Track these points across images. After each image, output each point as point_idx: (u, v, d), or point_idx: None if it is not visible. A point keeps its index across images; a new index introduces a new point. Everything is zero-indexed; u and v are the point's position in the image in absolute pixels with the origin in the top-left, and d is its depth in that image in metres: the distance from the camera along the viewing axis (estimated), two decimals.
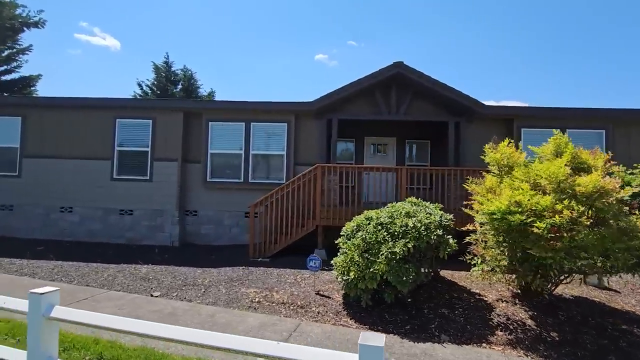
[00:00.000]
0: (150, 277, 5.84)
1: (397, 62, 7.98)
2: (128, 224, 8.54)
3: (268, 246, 7.14)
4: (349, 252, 4.52)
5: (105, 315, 2.32)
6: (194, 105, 8.55)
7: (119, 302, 4.67)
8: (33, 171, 8.70)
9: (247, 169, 8.52)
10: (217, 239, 8.60)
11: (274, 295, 5.03)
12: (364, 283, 4.28)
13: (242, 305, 4.71)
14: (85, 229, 8.57)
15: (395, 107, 8.55)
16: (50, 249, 7.59)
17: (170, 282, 5.58)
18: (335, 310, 4.56)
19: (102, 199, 8.58)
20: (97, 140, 8.64)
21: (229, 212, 8.64)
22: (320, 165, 7.16)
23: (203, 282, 5.64)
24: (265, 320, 4.23)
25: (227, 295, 5.05)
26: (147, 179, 8.55)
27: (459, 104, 8.03)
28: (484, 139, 8.45)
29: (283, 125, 8.51)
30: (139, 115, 8.62)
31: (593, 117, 8.18)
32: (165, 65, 23.92)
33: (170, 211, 8.48)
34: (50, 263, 6.49)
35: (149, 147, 8.58)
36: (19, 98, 8.95)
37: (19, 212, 8.70)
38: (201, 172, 8.62)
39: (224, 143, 8.62)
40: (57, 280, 5.58)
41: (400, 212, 4.70)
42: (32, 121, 8.77)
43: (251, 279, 5.80)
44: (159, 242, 8.38)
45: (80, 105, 8.69)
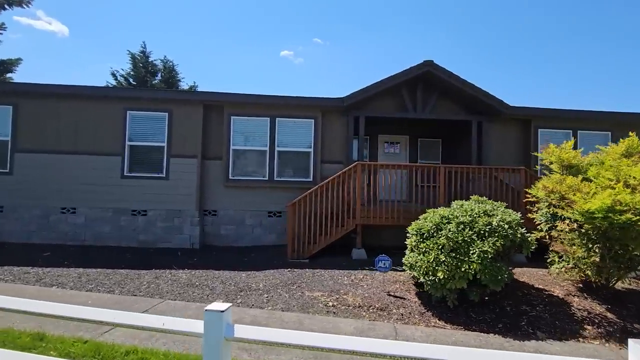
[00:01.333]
0: (196, 283, 5.40)
1: (428, 61, 8.01)
2: (141, 225, 7.85)
3: (307, 247, 6.88)
4: (432, 252, 4.44)
5: (302, 332, 2.04)
6: (215, 97, 7.99)
7: (188, 312, 4.24)
8: (28, 168, 7.73)
9: (272, 167, 8.16)
10: (238, 240, 8.18)
11: (346, 298, 4.84)
12: (453, 283, 4.23)
13: (319, 310, 4.48)
14: (91, 232, 7.77)
15: (422, 106, 8.59)
16: (58, 254, 6.80)
17: (223, 288, 5.19)
18: (419, 312, 4.47)
19: (112, 198, 7.82)
20: (105, 134, 7.85)
21: (251, 212, 8.24)
22: (360, 163, 7.01)
23: (257, 286, 5.31)
24: (358, 325, 4.04)
25: (295, 300, 4.78)
26: (163, 177, 7.92)
27: (484, 103, 8.22)
28: (504, 138, 8.81)
29: (310, 121, 8.25)
30: (153, 107, 7.93)
31: (601, 119, 8.74)
32: (142, 55, 22.43)
33: (190, 211, 7.92)
34: (70, 270, 5.79)
35: (164, 142, 7.93)
36: (10, 84, 7.90)
37: (11, 214, 7.70)
38: (222, 169, 8.13)
39: (247, 139, 8.19)
40: (94, 290, 4.98)
41: (474, 210, 4.70)
42: (27, 111, 7.78)
43: (306, 281, 5.55)
44: (177, 245, 7.81)
45: (85, 94, 7.83)
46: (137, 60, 21.83)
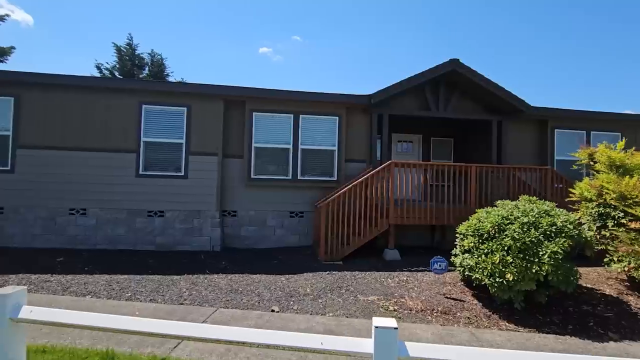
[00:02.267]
0: (238, 289, 5.09)
1: (454, 60, 7.97)
2: (158, 227, 7.39)
3: (339, 248, 6.68)
4: (497, 253, 4.36)
5: None
6: (236, 92, 7.60)
7: (249, 322, 3.95)
8: (31, 165, 7.09)
9: (295, 165, 7.89)
10: (260, 241, 7.87)
11: (404, 302, 4.69)
12: (522, 285, 4.17)
13: (384, 316, 4.30)
14: (103, 235, 7.23)
15: (443, 105, 8.56)
16: (73, 260, 6.27)
17: (271, 294, 4.91)
18: (484, 314, 4.39)
19: (126, 198, 7.31)
20: (118, 130, 7.31)
21: (273, 212, 7.95)
22: (393, 162, 6.87)
23: (305, 291, 5.07)
24: (434, 331, 3.90)
25: (353, 305, 4.58)
26: (182, 176, 7.48)
27: (506, 103, 8.28)
28: (522, 138, 8.92)
29: (334, 119, 8.04)
30: (171, 102, 7.47)
31: (613, 120, 9.02)
32: (128, 47, 21.37)
33: (210, 212, 7.53)
34: (95, 277, 5.33)
35: (183, 139, 7.49)
36: (12, 73, 7.16)
37: (12, 216, 7.03)
38: (242, 168, 7.78)
39: (269, 136, 7.87)
40: (133, 298, 4.58)
41: (534, 210, 4.66)
42: (30, 103, 7.13)
43: (352, 285, 5.36)
44: (197, 247, 7.41)
45: (96, 86, 7.27)
46: (123, 53, 20.82)
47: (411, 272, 6.09)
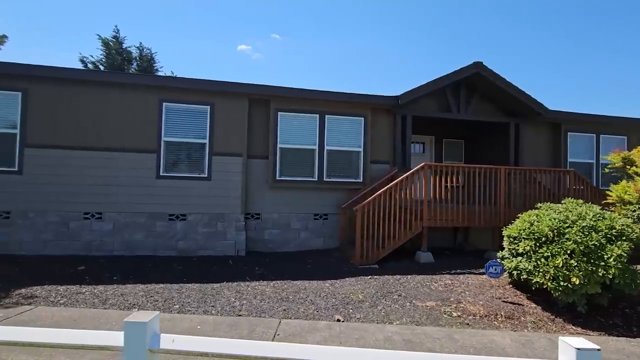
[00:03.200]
0: (288, 297, 4.86)
1: (477, 62, 8.03)
2: (180, 231, 7.01)
3: (374, 251, 6.56)
4: (559, 257, 4.37)
5: None
6: (261, 90, 7.30)
7: (325, 333, 3.75)
8: (41, 166, 6.53)
9: (321, 167, 7.70)
10: (284, 245, 7.64)
11: (465, 307, 4.63)
12: (587, 288, 4.20)
13: (451, 322, 4.22)
14: (121, 240, 6.77)
15: (464, 107, 8.62)
16: (94, 268, 5.82)
17: (326, 302, 4.72)
18: (548, 318, 4.40)
19: (145, 201, 6.88)
20: (136, 128, 6.87)
21: (297, 214, 7.74)
22: (427, 164, 6.82)
23: (357, 298, 4.92)
24: (514, 337, 3.85)
25: (415, 312, 4.47)
26: (205, 177, 7.13)
27: (525, 106, 8.43)
28: (537, 140, 9.13)
29: (360, 119, 7.91)
30: (194, 100, 7.09)
31: (620, 124, 9.38)
32: (115, 40, 20.34)
33: (234, 215, 7.22)
34: (129, 287, 4.95)
35: (206, 138, 7.13)
36: (19, 66, 6.54)
37: (20, 221, 6.46)
38: (267, 169, 7.52)
39: (294, 137, 7.64)
40: (185, 310, 4.27)
41: (589, 213, 4.72)
42: (39, 99, 6.56)
43: (401, 290, 5.26)
44: (221, 252, 7.09)
45: (112, 82, 6.79)
46: (110, 47, 19.81)
47: (452, 274, 6.07)
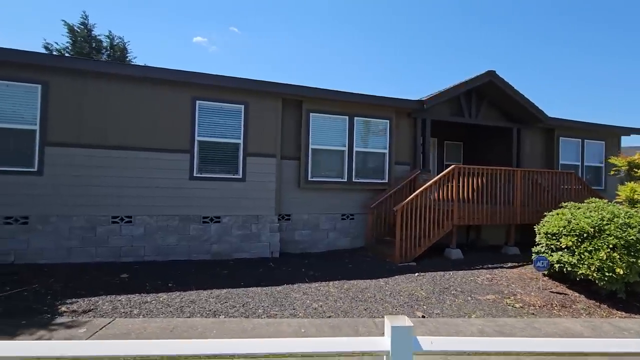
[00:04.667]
0: (356, 296, 4.98)
1: (490, 71, 8.62)
2: (215, 234, 6.79)
3: (411, 249, 6.86)
4: (602, 251, 4.94)
5: None
6: (294, 91, 7.22)
7: (424, 328, 3.93)
8: (63, 166, 5.99)
9: (350, 168, 7.85)
10: (314, 245, 7.70)
11: (523, 299, 5.06)
12: (629, 277, 4.80)
13: (519, 313, 4.60)
14: (153, 245, 6.42)
15: (475, 112, 9.21)
16: (136, 275, 5.49)
17: (396, 300, 4.91)
18: (595, 305, 4.94)
19: (178, 204, 6.57)
20: (169, 127, 6.53)
21: (326, 215, 7.82)
22: (457, 166, 7.23)
23: (421, 295, 5.16)
24: (581, 323, 4.30)
25: (484, 305, 4.81)
26: (239, 178, 6.96)
27: (527, 112, 9.20)
28: (533, 144, 9.99)
29: (385, 122, 8.16)
30: (228, 99, 6.88)
31: (601, 130, 10.52)
32: (83, 27, 18.74)
33: (269, 217, 7.14)
34: (194, 294, 4.76)
35: (240, 139, 6.96)
36: (39, 56, 5.86)
37: (40, 227, 5.87)
38: (298, 170, 7.52)
39: (325, 138, 7.70)
40: (271, 315, 4.21)
41: (620, 212, 5.36)
42: (61, 93, 6.00)
43: (455, 285, 5.59)
44: (255, 254, 6.99)
45: (142, 77, 6.37)
46: (77, 34, 18.25)
47: (486, 269, 6.53)
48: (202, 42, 40.63)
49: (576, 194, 8.20)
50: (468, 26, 51.66)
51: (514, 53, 49.13)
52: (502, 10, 50.91)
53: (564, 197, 8.06)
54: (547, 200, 7.97)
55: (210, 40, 40.78)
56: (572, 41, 49.58)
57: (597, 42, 49.43)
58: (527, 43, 51.05)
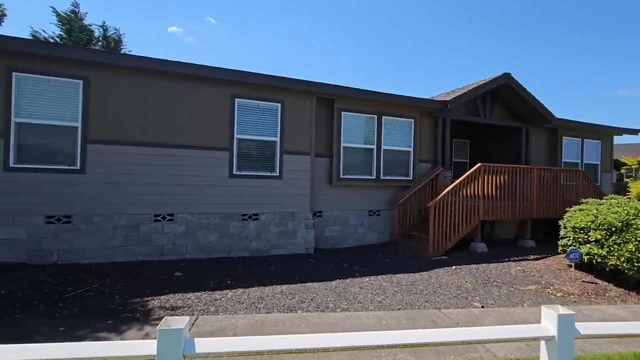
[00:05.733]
0: (412, 289, 5.23)
1: (506, 73, 9.04)
2: (253, 231, 6.86)
3: (442, 243, 7.19)
4: (631, 243, 5.41)
5: None
6: (327, 89, 7.31)
7: (492, 318, 4.22)
8: (104, 164, 5.88)
9: (378, 165, 8.08)
10: (343, 241, 7.91)
11: (560, 288, 5.47)
12: None
13: (564, 302, 5.00)
14: (195, 243, 6.42)
15: (489, 112, 9.64)
16: (190, 273, 5.52)
17: (449, 292, 5.20)
18: (625, 293, 5.43)
19: (218, 201, 6.59)
20: (209, 125, 6.52)
21: (355, 212, 8.04)
22: (482, 164, 7.61)
23: (468, 286, 5.48)
24: (622, 309, 4.74)
25: (530, 295, 5.17)
26: (276, 176, 7.04)
27: (537, 113, 9.72)
28: (538, 143, 10.56)
29: (410, 121, 8.42)
30: (265, 96, 6.92)
31: (598, 130, 11.23)
32: (73, 15, 17.91)
33: (304, 213, 7.27)
34: (257, 290, 4.87)
35: (277, 136, 7.03)
36: (79, 50, 5.65)
37: (84, 226, 5.76)
38: (329, 167, 7.68)
39: (355, 136, 7.88)
40: (350, 309, 4.39)
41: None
42: (102, 89, 5.86)
43: (494, 277, 5.96)
44: (291, 251, 7.12)
45: (182, 73, 6.30)
46: (72, 23, 17.45)
47: (514, 262, 6.96)
48: (177, 32, 39.36)
49: (584, 191, 8.80)
50: (454, 27, 52.71)
51: (502, 54, 50.95)
52: (490, 11, 52.43)
53: (573, 194, 8.64)
54: (559, 196, 8.51)
55: (186, 31, 39.59)
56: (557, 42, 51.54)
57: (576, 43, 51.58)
58: (513, 45, 52.82)
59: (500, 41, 71.17)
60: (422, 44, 73.15)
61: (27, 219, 5.47)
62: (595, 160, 11.30)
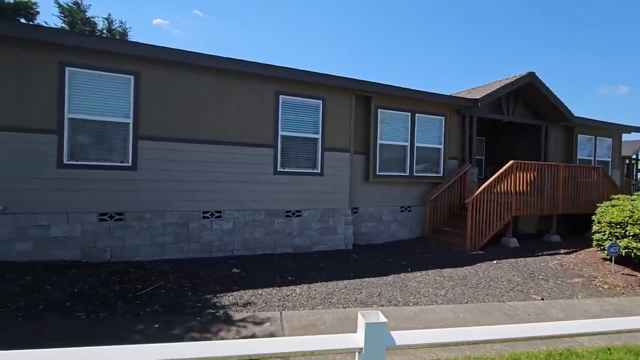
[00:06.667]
0: (467, 284, 5.39)
1: (531, 72, 9.26)
2: (296, 228, 6.91)
3: (479, 239, 7.38)
4: None
5: None
6: (365, 87, 7.36)
7: (557, 309, 4.40)
8: (155, 160, 5.83)
9: (412, 162, 8.20)
10: (377, 237, 8.03)
11: (605, 281, 5.71)
12: None
13: (613, 294, 5.23)
14: (241, 239, 6.44)
15: (512, 110, 9.86)
16: (245, 269, 5.55)
17: (503, 286, 5.37)
18: None
19: (264, 198, 6.61)
20: (254, 121, 6.51)
21: (388, 208, 8.16)
22: (515, 162, 7.81)
23: (516, 280, 5.66)
24: None
25: (582, 287, 5.39)
26: (318, 173, 7.09)
27: (557, 111, 9.99)
28: (555, 141, 10.87)
29: (441, 118, 8.56)
30: (307, 93, 6.94)
31: (610, 129, 11.60)
32: (76, 6, 17.43)
33: (343, 210, 7.35)
34: (322, 286, 4.94)
35: (319, 133, 7.07)
36: (130, 44, 5.54)
37: (136, 224, 5.71)
38: (365, 164, 7.76)
39: (390, 133, 7.98)
40: (430, 303, 4.51)
41: None
42: (152, 84, 5.79)
43: (535, 271, 6.17)
44: (332, 247, 7.20)
45: (230, 69, 6.25)
46: (74, 14, 16.99)
47: (549, 255, 7.20)
48: (163, 24, 38.39)
49: (603, 187, 9.13)
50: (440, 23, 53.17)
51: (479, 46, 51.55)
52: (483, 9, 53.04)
53: (593, 190, 8.96)
54: (581, 192, 8.80)
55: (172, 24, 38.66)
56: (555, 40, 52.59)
57: None
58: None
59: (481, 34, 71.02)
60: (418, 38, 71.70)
61: (81, 216, 5.41)
62: (606, 157, 11.69)
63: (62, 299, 4.04)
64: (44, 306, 3.86)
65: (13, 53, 5.04)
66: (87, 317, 3.70)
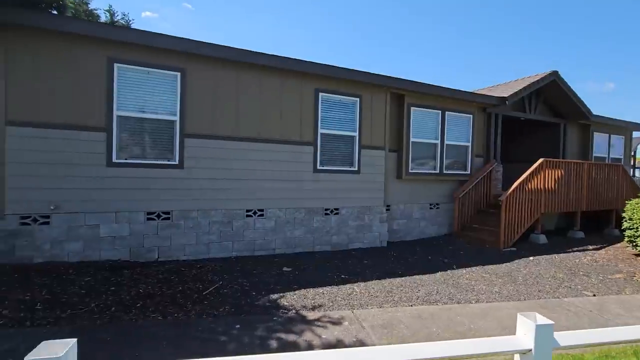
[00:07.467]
0: (515, 280, 5.48)
1: (554, 71, 9.37)
2: (334, 225, 6.91)
3: (510, 236, 7.49)
4: None
5: None
6: (398, 84, 7.34)
7: (614, 305, 4.51)
8: (200, 158, 5.76)
9: (442, 160, 8.27)
10: (408, 234, 8.10)
11: None
12: None
13: None
14: (282, 238, 6.42)
15: (534, 108, 9.99)
16: (296, 267, 5.55)
17: (549, 283, 5.48)
18: None
19: (304, 196, 6.60)
20: (294, 118, 6.47)
21: (418, 205, 8.22)
22: (545, 160, 7.92)
23: (560, 276, 5.78)
24: None
25: (626, 283, 5.53)
26: (355, 170, 7.09)
27: (576, 110, 10.14)
28: (572, 138, 11.06)
29: (469, 116, 8.63)
30: (344, 91, 6.92)
31: (623, 126, 11.83)
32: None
33: (378, 207, 7.39)
34: (378, 284, 4.97)
35: (356, 131, 7.07)
36: (175, 40, 5.42)
37: (182, 222, 5.65)
38: (398, 162, 7.80)
39: (422, 131, 8.01)
40: (513, 299, 4.57)
41: None
42: (197, 81, 5.70)
43: (574, 267, 6.30)
44: (367, 244, 7.24)
45: (272, 66, 6.19)
46: (76, 6, 16.54)
47: (580, 252, 7.36)
48: (152, 17, 37.66)
49: (622, 184, 9.33)
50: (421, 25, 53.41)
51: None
52: None
53: (613, 187, 9.15)
54: (605, 188, 8.99)
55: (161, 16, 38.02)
56: None
57: None
58: None
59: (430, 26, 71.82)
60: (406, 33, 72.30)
61: (130, 215, 5.32)
62: (619, 155, 11.94)
63: (131, 300, 3.99)
64: (115, 307, 3.81)
65: (63, 49, 4.90)
66: (164, 318, 3.67)
